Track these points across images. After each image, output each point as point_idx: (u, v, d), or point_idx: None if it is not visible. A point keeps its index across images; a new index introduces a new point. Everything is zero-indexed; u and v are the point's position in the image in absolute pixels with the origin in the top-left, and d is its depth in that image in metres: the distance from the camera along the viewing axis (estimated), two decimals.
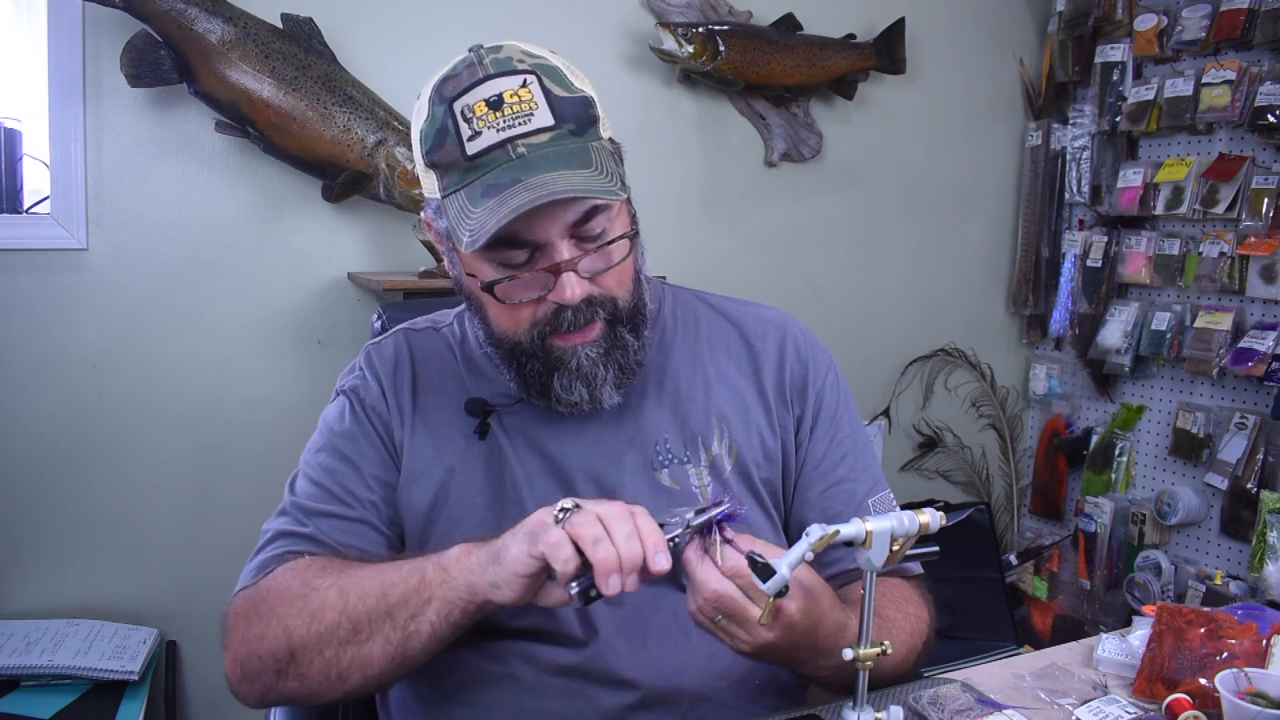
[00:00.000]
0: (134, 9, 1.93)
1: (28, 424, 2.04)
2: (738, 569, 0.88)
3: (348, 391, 1.14)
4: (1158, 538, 2.55)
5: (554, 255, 0.98)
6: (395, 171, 2.06)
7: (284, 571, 1.02)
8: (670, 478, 1.10)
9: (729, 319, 1.20)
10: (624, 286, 1.04)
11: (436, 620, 0.93)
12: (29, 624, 1.98)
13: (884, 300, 2.82)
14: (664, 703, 1.05)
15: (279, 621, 0.97)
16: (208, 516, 2.17)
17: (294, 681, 0.98)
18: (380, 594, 0.94)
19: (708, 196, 2.58)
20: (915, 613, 1.12)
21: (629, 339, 1.04)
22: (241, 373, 2.18)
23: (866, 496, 1.16)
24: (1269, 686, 0.96)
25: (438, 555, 0.95)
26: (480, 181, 0.96)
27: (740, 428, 1.14)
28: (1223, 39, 2.37)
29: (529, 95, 0.96)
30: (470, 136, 0.96)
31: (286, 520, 1.09)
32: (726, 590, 0.88)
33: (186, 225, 2.12)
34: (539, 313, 1.01)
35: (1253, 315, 2.37)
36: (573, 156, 0.96)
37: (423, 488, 1.09)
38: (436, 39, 2.23)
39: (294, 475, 1.13)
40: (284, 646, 0.97)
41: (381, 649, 0.95)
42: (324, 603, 0.96)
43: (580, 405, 1.04)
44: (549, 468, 1.09)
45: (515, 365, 1.05)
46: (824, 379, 1.18)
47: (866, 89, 2.69)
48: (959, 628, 2.44)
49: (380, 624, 0.94)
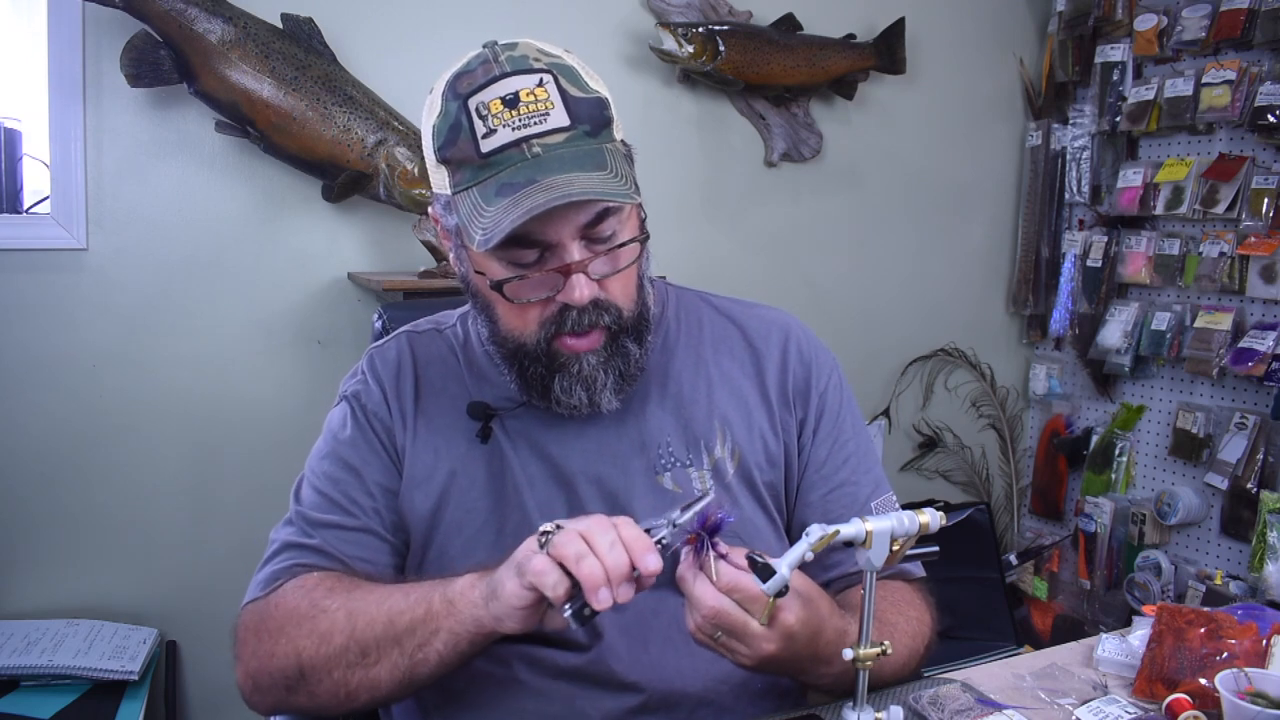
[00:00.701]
0: (134, 9, 1.93)
1: (28, 424, 2.04)
2: (734, 583, 0.87)
3: (350, 397, 1.14)
4: (1158, 538, 2.55)
5: (565, 256, 0.97)
6: (395, 171, 2.06)
7: (293, 589, 1.02)
8: (673, 481, 1.10)
9: (732, 320, 1.20)
10: (628, 295, 1.04)
11: (445, 650, 0.94)
12: (29, 624, 1.98)
13: (884, 300, 2.82)
14: (666, 706, 1.05)
15: (288, 641, 0.98)
16: (208, 516, 2.17)
17: (304, 698, 0.99)
18: (387, 621, 0.94)
19: (708, 196, 2.58)
20: (917, 616, 1.11)
21: (631, 347, 1.04)
22: (241, 373, 2.18)
23: (869, 499, 1.16)
24: (1269, 686, 0.96)
25: (444, 585, 0.94)
26: (494, 180, 0.95)
27: (743, 430, 1.13)
28: (1223, 39, 2.37)
29: (545, 95, 0.96)
30: (485, 134, 0.95)
31: (293, 531, 1.08)
32: (723, 606, 0.87)
33: (186, 225, 2.12)
34: (546, 312, 1.01)
35: (1253, 315, 2.37)
36: (588, 158, 0.96)
37: (425, 493, 1.09)
38: (437, 39, 2.23)
39: (299, 481, 1.13)
40: (294, 666, 0.98)
41: (389, 673, 0.95)
42: (332, 626, 0.96)
43: (580, 409, 1.04)
44: (551, 471, 1.09)
45: (517, 366, 1.05)
46: (827, 381, 1.18)
47: (866, 89, 2.69)
48: (959, 628, 2.44)
49: (388, 650, 0.94)
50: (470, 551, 1.08)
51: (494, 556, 1.08)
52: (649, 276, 1.09)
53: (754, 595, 0.87)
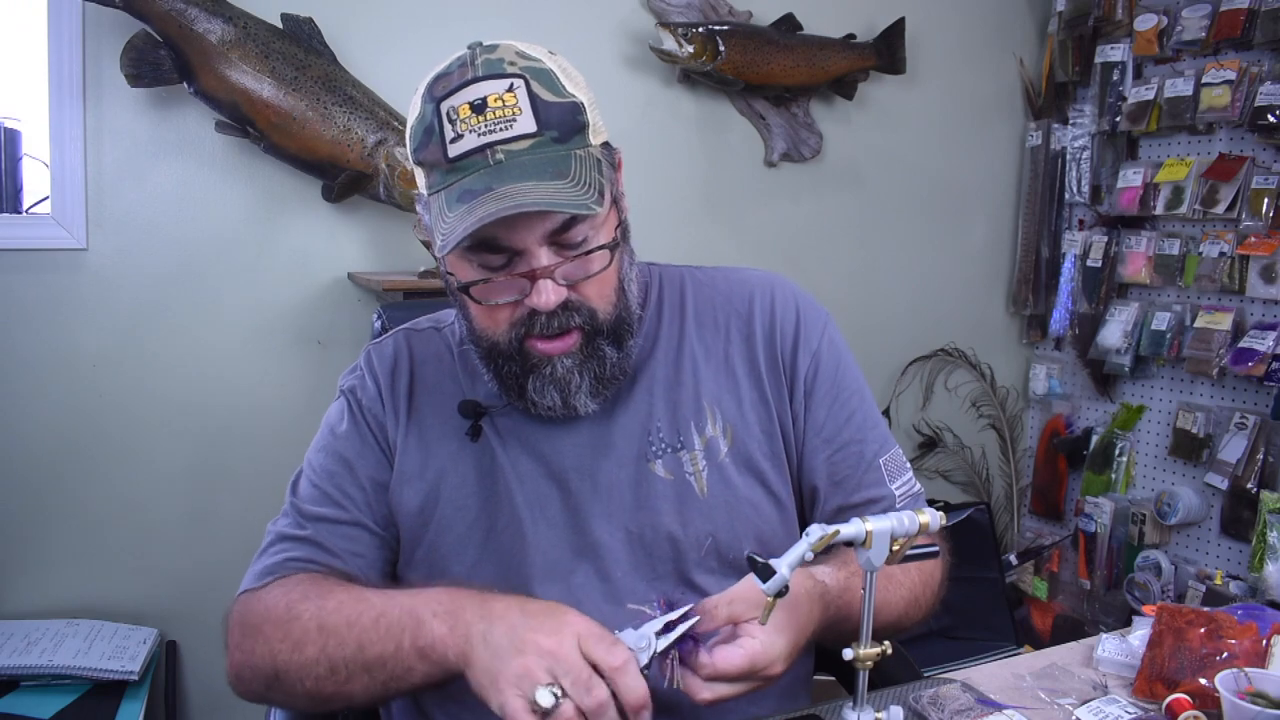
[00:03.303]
0: (134, 9, 1.93)
1: (27, 424, 2.04)
2: (715, 674, 0.87)
3: (347, 392, 1.16)
4: (1158, 538, 2.55)
5: (531, 261, 0.97)
6: (395, 171, 2.06)
7: (276, 589, 1.03)
8: (664, 468, 1.09)
9: (715, 289, 1.18)
10: (604, 298, 1.03)
11: (423, 683, 0.93)
12: (29, 624, 1.98)
13: (884, 300, 2.82)
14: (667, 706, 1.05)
15: (265, 642, 0.99)
16: (208, 516, 2.17)
17: (281, 696, 1.01)
18: (357, 647, 0.94)
19: (708, 196, 2.58)
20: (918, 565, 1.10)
21: (608, 351, 1.04)
22: (241, 373, 2.18)
23: (876, 456, 1.14)
24: (1269, 686, 0.96)
25: (414, 626, 0.91)
26: (457, 185, 0.96)
27: (733, 407, 1.12)
28: (1223, 39, 2.37)
29: (513, 100, 0.96)
30: (453, 139, 0.96)
31: (288, 523, 1.10)
32: (720, 694, 0.88)
33: (186, 225, 2.12)
34: (516, 314, 1.01)
35: (1253, 315, 2.37)
36: (548, 166, 0.95)
37: (414, 489, 1.10)
38: (437, 39, 2.22)
39: (297, 474, 1.14)
40: (270, 666, 0.99)
41: (364, 691, 0.95)
42: (304, 635, 0.97)
43: (555, 410, 1.04)
44: (542, 469, 1.09)
45: (493, 366, 1.05)
46: (819, 340, 1.15)
47: (866, 89, 2.69)
48: (959, 628, 2.44)
49: (358, 674, 0.94)
50: (461, 550, 1.09)
51: (484, 555, 1.09)
52: (630, 279, 1.07)
53: (746, 669, 0.87)
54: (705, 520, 1.09)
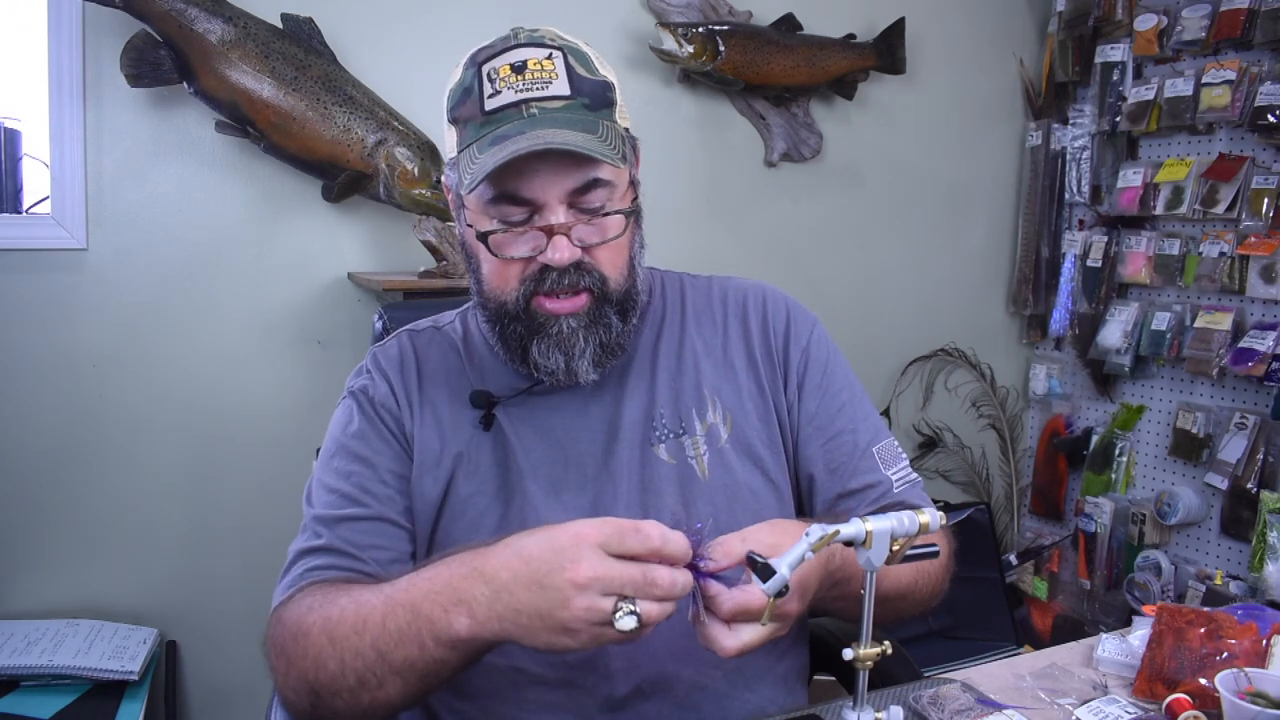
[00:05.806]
0: (134, 9, 1.93)
1: (27, 424, 2.04)
2: (739, 607, 0.87)
3: (355, 393, 1.15)
4: (1158, 538, 2.55)
5: (549, 217, 1.01)
6: (395, 171, 2.06)
7: (291, 605, 1.00)
8: (667, 452, 1.12)
9: (710, 293, 1.24)
10: (617, 267, 1.06)
11: (463, 667, 0.91)
12: (29, 624, 1.98)
13: (884, 300, 2.82)
14: (660, 691, 1.07)
15: (291, 662, 0.96)
16: (208, 516, 2.17)
17: (328, 713, 0.96)
18: (377, 654, 0.90)
19: (708, 196, 2.58)
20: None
21: (614, 319, 1.06)
22: (241, 373, 2.17)
23: (870, 445, 1.17)
24: (1269, 686, 0.96)
25: (430, 628, 0.88)
26: (491, 134, 1.00)
27: (732, 396, 1.16)
28: (1223, 39, 2.37)
29: (551, 65, 1.03)
30: (491, 94, 1.02)
31: (305, 537, 1.08)
32: (744, 642, 0.87)
33: (186, 225, 2.12)
34: (527, 270, 1.04)
35: (1253, 315, 2.37)
36: (580, 122, 1.00)
37: (433, 478, 1.11)
38: (437, 39, 2.23)
39: (308, 489, 1.12)
40: (305, 686, 0.95)
41: (402, 694, 0.92)
42: (319, 650, 0.93)
43: (557, 374, 1.06)
44: (554, 455, 1.11)
45: (500, 327, 1.08)
46: (809, 337, 1.20)
47: (866, 89, 2.69)
48: (959, 628, 2.44)
49: (388, 678, 0.90)
50: (475, 534, 1.09)
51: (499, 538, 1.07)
52: (640, 259, 1.11)
53: (758, 606, 0.87)
54: (706, 503, 1.11)
